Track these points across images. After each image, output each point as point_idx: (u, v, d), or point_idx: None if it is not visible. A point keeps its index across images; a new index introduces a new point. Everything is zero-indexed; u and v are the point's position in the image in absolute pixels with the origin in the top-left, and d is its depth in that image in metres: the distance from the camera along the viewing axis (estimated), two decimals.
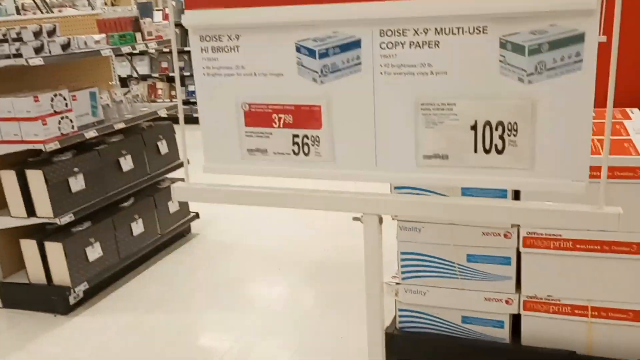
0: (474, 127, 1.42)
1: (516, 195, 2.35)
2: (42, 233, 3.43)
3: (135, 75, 7.87)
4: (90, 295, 3.52)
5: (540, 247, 2.36)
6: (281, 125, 1.58)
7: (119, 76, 4.57)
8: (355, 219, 1.59)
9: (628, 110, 2.82)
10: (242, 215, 4.72)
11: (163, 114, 4.01)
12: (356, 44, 1.43)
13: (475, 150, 1.43)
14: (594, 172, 1.72)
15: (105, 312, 3.36)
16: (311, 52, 1.46)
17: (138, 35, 3.91)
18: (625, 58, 2.96)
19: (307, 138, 1.57)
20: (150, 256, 3.99)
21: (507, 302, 2.44)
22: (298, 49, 1.48)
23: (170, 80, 8.65)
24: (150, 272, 3.83)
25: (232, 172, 1.69)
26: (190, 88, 8.29)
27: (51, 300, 3.37)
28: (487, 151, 1.41)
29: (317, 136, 1.56)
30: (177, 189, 1.74)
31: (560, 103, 1.33)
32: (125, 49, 3.79)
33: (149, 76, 8.60)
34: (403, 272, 2.58)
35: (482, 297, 2.47)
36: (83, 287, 3.40)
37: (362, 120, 1.50)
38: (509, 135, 1.39)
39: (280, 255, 3.94)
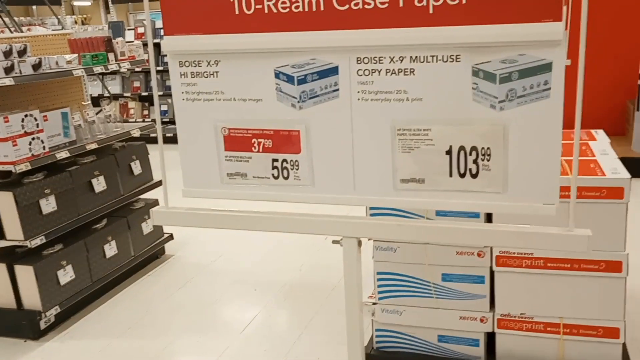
0: (448, 152, 1.46)
1: (488, 216, 2.40)
2: (12, 256, 3.36)
3: (107, 94, 7.81)
4: (62, 319, 3.45)
5: (512, 265, 2.40)
6: (260, 150, 1.60)
7: (91, 96, 4.52)
8: (334, 242, 1.60)
9: (593, 131, 2.91)
10: (216, 236, 4.69)
11: (136, 134, 3.99)
12: (334, 71, 1.46)
13: (451, 175, 1.48)
14: (564, 192, 1.77)
15: (77, 337, 3.30)
16: (290, 79, 1.48)
17: (111, 55, 3.90)
18: (591, 80, 3.05)
19: (287, 162, 1.59)
20: (123, 278, 3.94)
21: (481, 320, 2.48)
22: (277, 75, 1.50)
23: (142, 99, 8.60)
24: (124, 294, 3.78)
25: (211, 196, 1.70)
26: (163, 107, 8.25)
27: (21, 325, 3.29)
28: (462, 175, 1.45)
29: (296, 160, 1.59)
30: (156, 213, 1.73)
31: (530, 129, 1.38)
32: (98, 69, 3.77)
33: (121, 95, 8.54)
34: (379, 292, 2.60)
35: (457, 316, 2.50)
36: (54, 311, 3.33)
37: (340, 145, 1.53)
38: (482, 159, 1.44)
39: (255, 276, 3.92)
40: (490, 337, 2.53)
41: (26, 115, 3.22)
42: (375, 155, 1.51)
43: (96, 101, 4.08)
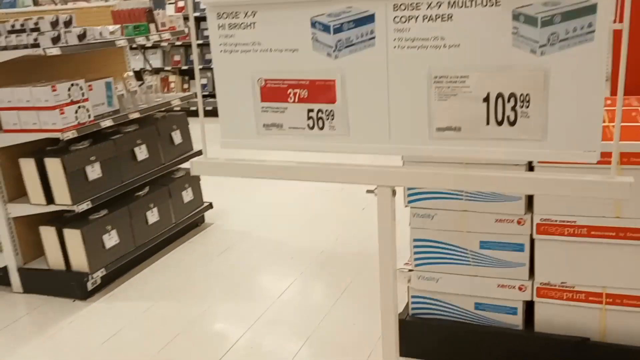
0: (486, 99, 1.43)
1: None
2: (60, 220, 3.49)
3: (148, 68, 7.94)
4: (108, 281, 3.57)
5: (554, 233, 2.35)
6: (296, 100, 1.60)
7: (133, 70, 4.60)
8: (369, 191, 1.61)
9: None
10: (254, 206, 4.75)
11: (177, 103, 4.05)
12: (370, 19, 1.45)
13: (488, 122, 1.45)
14: (605, 157, 1.72)
15: (122, 299, 3.41)
16: (326, 28, 1.48)
17: (152, 27, 3.95)
18: None
19: (322, 112, 1.59)
20: (165, 245, 4.04)
21: (520, 288, 2.44)
22: (313, 25, 1.50)
23: (183, 73, 8.71)
24: (165, 260, 3.88)
25: (248, 147, 1.72)
26: (203, 81, 8.34)
27: (70, 286, 3.42)
28: (499, 123, 1.43)
29: (332, 110, 1.59)
30: (195, 163, 1.77)
31: (572, 74, 1.34)
32: (140, 40, 3.83)
33: (162, 69, 8.67)
34: (416, 259, 2.59)
35: (495, 284, 2.47)
36: (100, 273, 3.45)
37: (376, 93, 1.52)
38: (521, 106, 1.40)
39: (292, 245, 3.96)
40: (529, 306, 2.50)
41: (72, 85, 3.31)
42: (411, 104, 1.50)
43: (138, 75, 4.16)
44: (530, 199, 2.39)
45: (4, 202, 3.47)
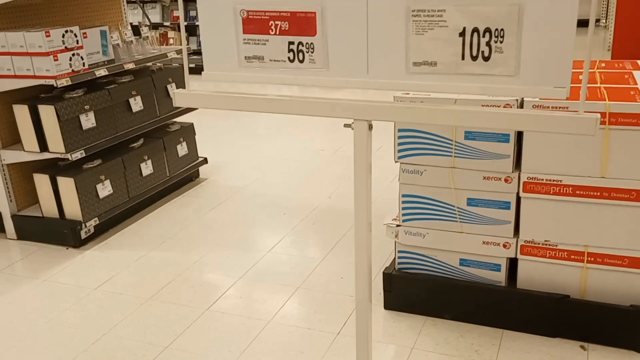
0: (462, 34, 1.46)
1: (519, 145, 2.37)
2: (54, 168, 3.51)
3: (147, 22, 7.85)
4: (101, 231, 3.62)
5: (540, 192, 2.39)
6: (277, 32, 1.63)
7: (131, 24, 4.55)
8: (346, 125, 1.65)
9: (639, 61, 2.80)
10: (249, 162, 4.77)
11: (173, 56, 4.03)
12: None
13: (463, 57, 1.49)
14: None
15: (115, 247, 3.46)
16: None
17: None
18: None
19: (302, 45, 1.62)
20: (158, 198, 4.07)
21: (504, 246, 2.49)
22: None
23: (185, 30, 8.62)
24: (158, 212, 3.92)
25: (230, 79, 1.75)
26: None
27: (63, 234, 3.47)
28: (474, 58, 1.46)
29: (312, 43, 1.62)
30: (178, 94, 1.80)
31: (545, 10, 1.38)
32: None
33: (161, 25, 8.57)
34: (404, 215, 2.63)
35: (480, 241, 2.52)
36: (94, 222, 3.49)
37: (355, 27, 1.55)
38: (495, 42, 1.44)
39: (285, 201, 4.00)
40: (512, 263, 2.55)
41: (67, 31, 3.29)
42: (389, 38, 1.54)
43: (136, 30, 4.11)
44: (518, 158, 2.41)
45: None
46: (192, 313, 2.78)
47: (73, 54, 3.32)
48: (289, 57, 1.64)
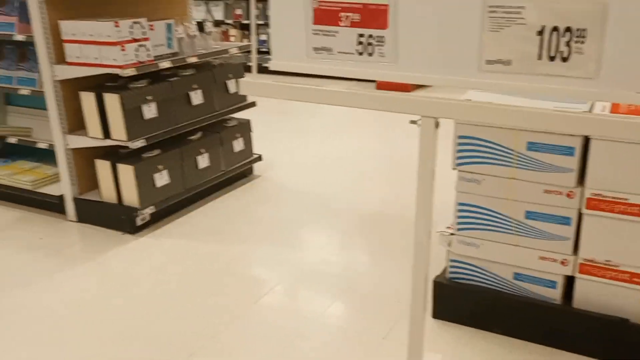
0: (540, 33, 1.40)
1: (584, 156, 2.29)
2: (115, 155, 3.61)
3: (210, 19, 8.00)
4: (156, 219, 3.70)
5: (604, 209, 2.29)
6: (348, 24, 1.61)
7: (198, 24, 4.63)
8: (412, 122, 1.62)
9: None
10: (303, 161, 4.79)
11: (235, 52, 4.08)
12: None
13: (540, 57, 1.42)
14: None
15: (168, 236, 3.53)
16: None
17: None
18: None
19: (372, 38, 1.60)
20: (212, 191, 4.13)
21: (562, 262, 2.40)
22: None
23: (243, 27, 8.74)
24: (211, 205, 3.98)
25: (297, 69, 1.74)
26: (262, 37, 8.34)
27: (120, 219, 3.56)
28: (551, 58, 1.40)
29: (382, 36, 1.59)
30: (244, 83, 1.81)
31: (632, 9, 1.29)
32: None
33: (223, 22, 8.72)
34: (458, 223, 2.57)
35: (536, 256, 2.44)
36: (150, 210, 3.57)
37: (428, 21, 1.51)
38: (576, 42, 1.37)
39: (337, 202, 3.99)
40: (569, 281, 2.45)
41: (135, 23, 3.37)
42: (463, 34, 1.49)
43: (200, 26, 4.19)
44: (582, 173, 2.33)
45: (63, 133, 3.61)
46: (238, 306, 2.80)
47: (140, 45, 3.41)
48: (357, 50, 1.62)
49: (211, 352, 2.47)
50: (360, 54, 1.62)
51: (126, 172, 3.51)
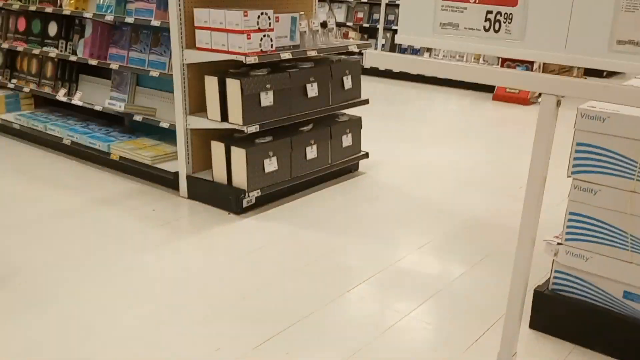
0: None
1: None
2: (230, 138, 3.79)
3: (332, 21, 8.20)
4: (261, 203, 3.84)
5: None
6: (477, 1, 1.60)
7: (321, 22, 4.76)
8: (532, 101, 1.60)
9: None
10: (410, 162, 4.77)
11: (354, 48, 4.15)
12: None
13: None
14: None
15: (271, 220, 3.65)
16: None
17: None
18: None
19: (500, 15, 1.59)
20: (317, 182, 4.22)
21: None
22: None
23: (363, 30, 8.88)
24: (315, 196, 4.06)
25: (422, 44, 1.77)
26: (382, 42, 8.40)
27: (228, 200, 3.73)
28: None
29: (511, 13, 1.58)
30: (369, 54, 1.87)
31: None
32: None
33: (344, 24, 8.91)
34: (567, 233, 2.46)
35: None
36: (256, 193, 3.71)
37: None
38: None
39: (440, 206, 3.94)
40: None
41: (262, 13, 3.53)
42: (595, 12, 1.44)
43: (323, 25, 4.30)
44: None
45: (185, 113, 3.84)
46: (330, 292, 2.84)
47: (264, 35, 3.56)
48: (484, 26, 1.62)
49: (301, 332, 2.53)
50: (487, 30, 1.62)
51: (238, 155, 3.68)
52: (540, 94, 1.58)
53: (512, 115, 6.43)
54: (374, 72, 8.85)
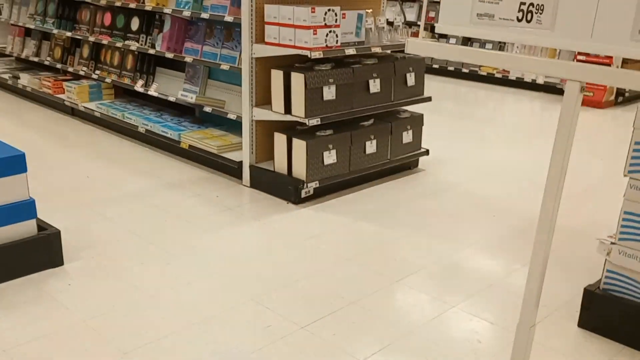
0: None
1: None
2: (292, 130, 3.93)
3: (402, 20, 8.23)
4: (319, 194, 3.95)
5: None
6: None
7: (387, 20, 4.83)
8: (558, 86, 1.66)
9: None
10: (470, 163, 4.76)
11: None
12: None
13: None
14: None
15: (327, 211, 3.76)
16: None
17: None
18: None
19: (533, 6, 1.65)
20: (376, 177, 4.29)
21: None
22: None
23: (434, 30, 8.85)
24: (373, 189, 4.14)
25: (460, 33, 1.85)
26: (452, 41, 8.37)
27: (287, 190, 3.87)
28: None
29: (542, 5, 1.64)
30: (411, 42, 1.97)
31: None
32: None
33: (414, 24, 8.92)
34: (621, 233, 2.43)
35: None
36: (314, 184, 3.83)
37: None
38: None
39: (499, 205, 3.92)
40: None
41: (329, 10, 3.65)
42: (619, 4, 1.50)
43: (390, 22, 4.37)
44: None
45: (251, 105, 4.01)
46: (380, 281, 2.91)
47: (330, 31, 3.68)
48: (517, 17, 1.69)
49: (348, 316, 2.62)
50: (520, 20, 1.70)
51: (299, 146, 3.81)
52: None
53: (584, 119, 6.26)
54: (443, 72, 8.81)
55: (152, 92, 4.97)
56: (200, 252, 3.16)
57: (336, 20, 3.70)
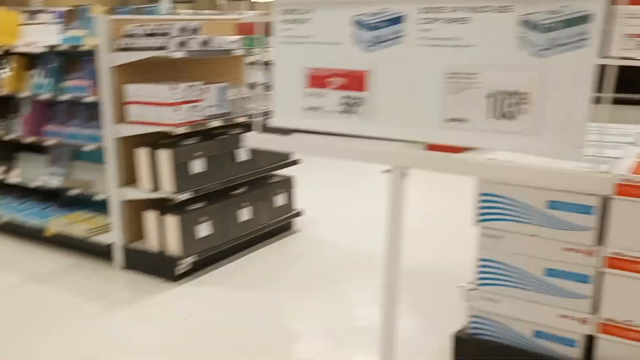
0: (491, 95, 1.56)
1: (605, 206, 2.30)
2: (163, 207, 3.85)
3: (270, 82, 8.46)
4: (198, 267, 3.87)
5: (625, 269, 2.28)
6: (334, 87, 1.81)
7: (255, 83, 4.94)
8: (385, 171, 1.79)
9: None
10: (345, 218, 4.90)
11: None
12: (400, 19, 1.65)
13: (491, 117, 1.58)
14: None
15: (205, 285, 3.69)
16: (365, 26, 1.68)
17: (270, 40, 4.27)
18: None
19: (354, 99, 1.80)
20: (253, 243, 4.29)
21: (582, 321, 2.38)
22: (355, 23, 1.71)
23: None
24: (251, 257, 4.13)
25: (293, 125, 1.96)
26: None
27: (163, 268, 3.76)
28: (501, 117, 1.55)
29: (362, 98, 1.79)
30: (248, 136, 2.04)
31: (567, 75, 1.47)
32: (256, 51, 4.15)
33: None
34: (479, 279, 2.60)
35: (556, 313, 2.43)
36: (192, 259, 3.76)
37: (399, 84, 1.70)
38: (521, 103, 1.53)
39: (375, 258, 4.05)
40: (591, 341, 2.42)
41: (190, 86, 3.68)
42: (426, 96, 1.69)
43: (253, 88, 4.48)
44: (601, 231, 2.34)
45: (118, 185, 3.90)
46: (265, 353, 2.88)
47: (193, 106, 3.70)
48: (342, 109, 1.83)
49: None
50: (345, 112, 1.85)
51: (171, 222, 3.74)
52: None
53: None
54: None
55: (13, 179, 4.69)
56: (68, 348, 2.96)
57: (198, 95, 3.73)
